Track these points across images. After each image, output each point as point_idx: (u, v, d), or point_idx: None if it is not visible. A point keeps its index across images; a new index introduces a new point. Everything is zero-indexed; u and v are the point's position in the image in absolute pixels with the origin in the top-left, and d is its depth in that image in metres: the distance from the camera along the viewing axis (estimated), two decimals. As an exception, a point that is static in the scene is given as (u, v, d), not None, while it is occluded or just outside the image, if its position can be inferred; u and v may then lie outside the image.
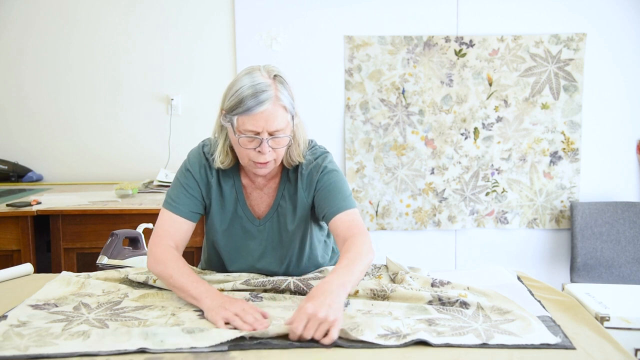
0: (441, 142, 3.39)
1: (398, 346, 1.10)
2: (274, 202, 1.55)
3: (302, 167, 1.52)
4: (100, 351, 1.07)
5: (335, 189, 1.49)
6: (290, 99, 1.41)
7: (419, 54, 3.34)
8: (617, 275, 3.24)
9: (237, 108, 1.37)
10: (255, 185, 1.56)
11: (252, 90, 1.35)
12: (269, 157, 1.41)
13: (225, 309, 1.22)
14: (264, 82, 1.37)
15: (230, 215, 1.55)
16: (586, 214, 3.30)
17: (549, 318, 1.25)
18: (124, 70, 3.40)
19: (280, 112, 1.38)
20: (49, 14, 3.36)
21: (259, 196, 1.56)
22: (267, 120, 1.36)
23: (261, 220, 1.56)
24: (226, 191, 1.54)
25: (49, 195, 2.89)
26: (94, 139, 3.44)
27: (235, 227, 1.56)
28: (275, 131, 1.38)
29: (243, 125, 1.37)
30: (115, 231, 1.75)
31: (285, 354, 1.08)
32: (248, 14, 3.35)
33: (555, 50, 3.33)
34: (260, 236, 1.56)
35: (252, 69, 1.42)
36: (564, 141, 3.38)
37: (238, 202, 1.55)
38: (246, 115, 1.36)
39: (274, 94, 1.37)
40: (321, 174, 1.50)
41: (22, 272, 1.65)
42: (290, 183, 1.54)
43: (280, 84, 1.40)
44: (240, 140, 1.39)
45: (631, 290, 2.07)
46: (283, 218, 1.55)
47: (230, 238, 1.57)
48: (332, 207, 1.46)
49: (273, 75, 1.41)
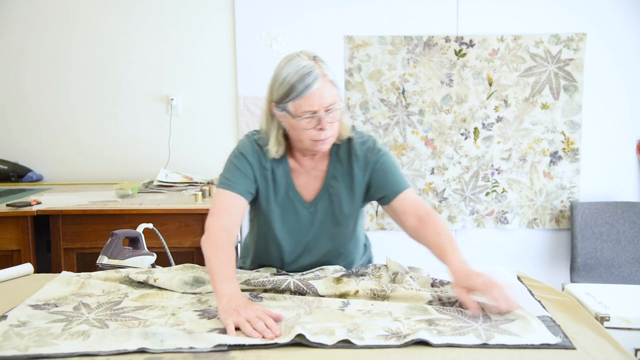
0: (441, 142, 3.39)
1: (398, 346, 1.10)
2: (324, 183, 1.60)
3: (356, 147, 1.58)
4: (100, 351, 1.07)
5: (393, 169, 1.58)
6: (333, 75, 1.48)
7: (419, 54, 3.34)
8: (617, 275, 3.24)
9: (290, 94, 1.43)
10: (304, 169, 1.60)
11: (298, 75, 1.42)
12: (329, 133, 1.48)
13: (238, 314, 1.19)
14: (306, 64, 1.43)
15: (283, 199, 1.60)
16: (586, 214, 3.30)
17: (549, 318, 1.24)
18: (124, 70, 3.40)
19: (329, 87, 1.45)
20: (49, 14, 3.36)
21: (306, 180, 1.61)
22: (321, 97, 1.43)
23: (311, 203, 1.60)
24: (278, 176, 1.59)
25: (49, 195, 2.89)
26: (94, 139, 3.44)
27: (289, 211, 1.60)
28: (330, 105, 1.45)
29: (300, 108, 1.43)
30: (115, 231, 1.75)
31: (285, 354, 1.08)
32: (248, 14, 3.35)
33: (555, 50, 3.33)
34: (312, 217, 1.60)
35: (290, 57, 1.48)
36: (564, 141, 3.38)
37: (289, 187, 1.59)
38: (301, 99, 1.42)
39: (320, 72, 1.43)
40: (378, 155, 1.57)
41: (22, 272, 1.65)
42: (341, 164, 1.59)
43: (322, 62, 1.47)
44: (301, 122, 1.45)
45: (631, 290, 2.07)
46: (336, 198, 1.59)
47: (285, 222, 1.61)
48: (394, 187, 1.55)
49: (312, 57, 1.47)
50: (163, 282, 1.45)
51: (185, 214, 2.57)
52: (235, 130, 3.44)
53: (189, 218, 2.58)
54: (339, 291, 1.38)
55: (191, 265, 1.63)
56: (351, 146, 1.58)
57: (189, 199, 2.76)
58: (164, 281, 1.45)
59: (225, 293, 1.27)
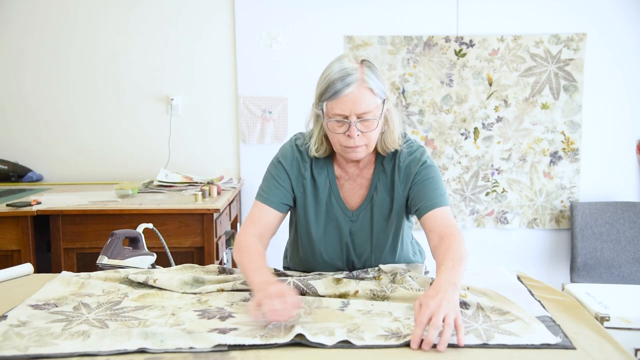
0: (441, 142, 3.39)
1: (398, 346, 1.10)
2: (368, 193, 1.56)
3: (400, 159, 1.53)
4: (100, 351, 1.07)
5: (433, 184, 1.49)
6: (378, 83, 1.42)
7: (419, 54, 3.34)
8: (617, 275, 3.24)
9: (326, 93, 1.40)
10: (349, 176, 1.57)
11: (339, 74, 1.38)
12: (359, 142, 1.42)
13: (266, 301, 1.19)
14: (350, 66, 1.40)
15: (325, 206, 1.57)
16: (586, 214, 3.30)
17: (549, 318, 1.24)
18: (124, 70, 3.40)
19: (367, 95, 1.39)
20: (49, 14, 3.36)
21: (351, 187, 1.57)
22: (353, 102, 1.38)
23: (354, 212, 1.57)
24: (320, 183, 1.56)
25: (49, 195, 2.89)
26: (94, 138, 3.44)
27: (330, 219, 1.57)
28: (363, 113, 1.39)
29: (332, 109, 1.40)
30: (115, 231, 1.74)
31: (285, 354, 1.08)
32: (248, 14, 3.35)
33: (555, 50, 3.33)
34: (353, 227, 1.57)
35: (341, 57, 1.45)
36: (564, 141, 3.38)
37: (332, 194, 1.56)
38: (333, 100, 1.39)
39: (359, 77, 1.39)
40: (420, 167, 1.51)
41: (22, 272, 1.65)
42: (386, 174, 1.55)
43: (367, 68, 1.41)
44: (330, 124, 1.42)
45: (631, 290, 2.07)
46: (377, 209, 1.55)
47: (324, 229, 1.58)
48: (427, 201, 1.47)
49: (360, 60, 1.42)
50: (163, 282, 1.45)
51: (185, 214, 2.57)
52: (235, 130, 3.44)
53: (189, 218, 2.58)
54: (338, 291, 1.38)
55: (191, 265, 1.63)
56: (396, 157, 1.53)
57: (189, 199, 2.76)
58: (163, 281, 1.45)
59: (255, 282, 1.29)
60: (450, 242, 1.37)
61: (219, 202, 2.66)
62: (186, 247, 2.58)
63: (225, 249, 2.90)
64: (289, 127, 3.41)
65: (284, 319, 1.16)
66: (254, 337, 1.12)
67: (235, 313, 1.28)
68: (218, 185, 2.91)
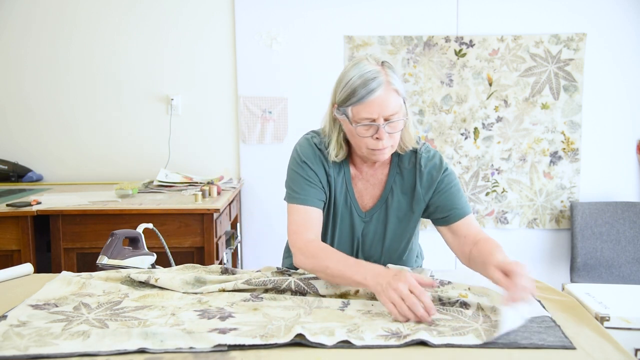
0: (441, 142, 3.39)
1: (398, 346, 1.10)
2: (383, 194, 1.55)
3: (421, 163, 1.52)
4: (100, 351, 1.07)
5: (459, 191, 1.53)
6: (400, 84, 1.42)
7: (419, 54, 3.34)
8: (617, 275, 3.24)
9: (351, 99, 1.38)
10: (362, 175, 1.56)
11: (362, 79, 1.37)
12: (387, 143, 1.42)
13: (394, 290, 1.20)
14: (372, 69, 1.38)
15: (340, 205, 1.56)
16: (586, 214, 3.30)
17: (549, 318, 1.24)
18: (124, 70, 3.40)
19: (393, 96, 1.39)
20: (48, 14, 3.36)
21: (364, 187, 1.56)
22: (381, 105, 1.37)
23: (367, 212, 1.56)
24: (338, 182, 1.55)
25: (49, 195, 2.89)
26: (94, 139, 3.44)
27: (343, 218, 1.57)
28: (391, 115, 1.39)
29: (358, 114, 1.39)
30: (115, 231, 1.74)
31: (285, 354, 1.08)
32: (248, 14, 3.35)
33: (555, 50, 3.33)
34: (365, 228, 1.56)
35: (359, 60, 1.43)
36: (564, 141, 3.38)
37: (347, 193, 1.55)
38: (360, 104, 1.37)
39: (384, 79, 1.38)
40: (443, 175, 1.51)
41: (22, 272, 1.65)
42: (402, 176, 1.54)
43: (389, 69, 1.41)
44: (358, 129, 1.40)
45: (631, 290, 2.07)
46: (393, 211, 1.55)
47: (337, 229, 1.57)
48: (459, 209, 1.50)
49: (381, 62, 1.42)
50: (164, 282, 1.45)
51: (185, 214, 2.57)
52: (235, 130, 3.44)
53: (189, 218, 2.58)
54: (339, 291, 1.38)
55: (192, 265, 1.63)
56: (416, 160, 1.52)
57: (189, 199, 2.76)
58: (165, 281, 1.45)
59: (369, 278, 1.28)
60: (486, 240, 1.42)
61: (219, 202, 2.66)
62: (186, 247, 2.58)
63: (225, 249, 2.90)
64: (289, 127, 3.41)
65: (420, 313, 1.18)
66: (254, 337, 1.12)
67: (236, 313, 1.28)
68: (218, 185, 2.91)
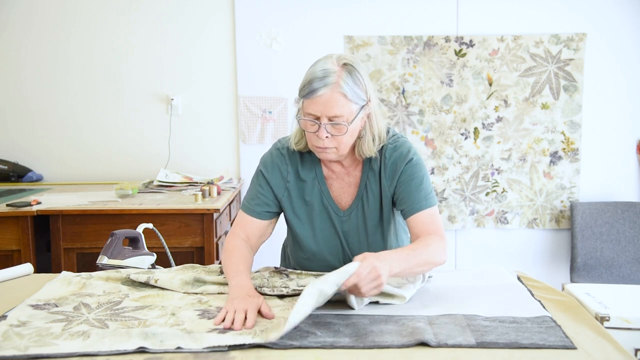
0: (441, 142, 3.39)
1: (398, 346, 1.10)
2: (358, 192, 1.56)
3: (386, 155, 1.52)
4: (100, 351, 1.07)
5: (419, 183, 1.49)
6: (354, 89, 1.41)
7: (419, 54, 3.34)
8: (617, 275, 3.24)
9: (301, 92, 1.42)
10: (336, 175, 1.57)
11: (312, 76, 1.40)
12: (328, 143, 1.43)
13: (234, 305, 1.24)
14: (329, 68, 1.40)
15: (316, 207, 1.57)
16: (586, 214, 3.30)
17: (549, 318, 1.25)
18: (124, 70, 3.40)
19: (339, 99, 1.39)
20: (48, 14, 3.36)
21: (340, 187, 1.57)
22: (325, 105, 1.39)
23: (345, 212, 1.57)
24: (308, 184, 1.56)
25: (49, 195, 2.89)
26: (94, 138, 3.44)
27: (322, 219, 1.58)
28: (334, 117, 1.40)
29: (306, 108, 1.42)
30: (115, 231, 1.74)
31: (286, 354, 1.08)
32: (248, 14, 3.35)
33: (555, 50, 3.33)
34: (345, 227, 1.57)
35: (328, 56, 1.45)
36: (564, 141, 3.38)
37: (322, 194, 1.57)
38: (308, 99, 1.40)
39: (335, 80, 1.38)
40: (406, 165, 1.50)
41: (22, 272, 1.65)
42: (374, 172, 1.55)
43: (347, 72, 1.40)
44: (301, 122, 1.45)
45: (631, 290, 2.07)
46: (368, 208, 1.55)
47: (317, 229, 1.58)
48: (413, 204, 1.47)
49: (343, 63, 1.42)
50: (164, 282, 1.45)
51: (185, 214, 2.57)
52: (235, 130, 3.44)
53: (189, 218, 2.58)
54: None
55: (192, 265, 1.63)
56: (382, 153, 1.53)
57: (189, 199, 2.76)
58: (165, 281, 1.45)
59: (231, 285, 1.36)
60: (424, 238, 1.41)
61: (219, 202, 2.66)
62: (186, 247, 2.58)
63: (225, 249, 2.89)
64: (289, 127, 3.41)
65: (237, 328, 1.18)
66: (254, 336, 1.12)
67: (235, 313, 1.28)
68: (218, 185, 2.91)
